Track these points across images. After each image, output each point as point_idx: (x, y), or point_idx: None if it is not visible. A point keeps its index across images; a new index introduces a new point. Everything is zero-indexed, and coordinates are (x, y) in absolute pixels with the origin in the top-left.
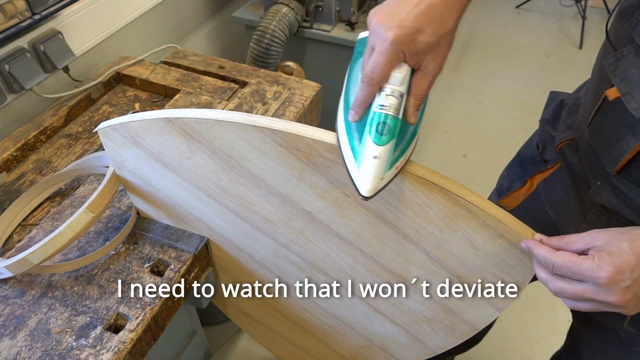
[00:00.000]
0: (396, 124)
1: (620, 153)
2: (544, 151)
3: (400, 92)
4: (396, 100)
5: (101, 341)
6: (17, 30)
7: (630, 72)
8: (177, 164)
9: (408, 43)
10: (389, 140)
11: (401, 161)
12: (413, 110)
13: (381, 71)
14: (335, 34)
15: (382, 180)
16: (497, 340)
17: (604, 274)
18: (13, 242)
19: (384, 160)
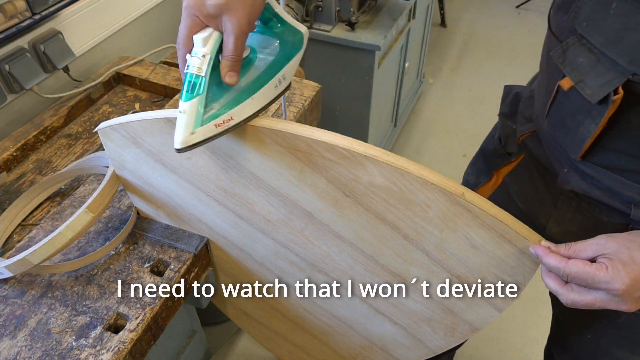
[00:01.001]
0: (200, 82)
1: (581, 139)
2: (507, 144)
3: (203, 53)
4: (197, 60)
5: (101, 341)
6: (17, 30)
7: (579, 61)
8: (177, 164)
9: (198, 7)
10: (193, 97)
11: (223, 119)
12: (226, 71)
13: (182, 35)
14: (335, 34)
15: (194, 134)
16: (497, 340)
17: (619, 286)
18: (13, 242)
19: (192, 114)
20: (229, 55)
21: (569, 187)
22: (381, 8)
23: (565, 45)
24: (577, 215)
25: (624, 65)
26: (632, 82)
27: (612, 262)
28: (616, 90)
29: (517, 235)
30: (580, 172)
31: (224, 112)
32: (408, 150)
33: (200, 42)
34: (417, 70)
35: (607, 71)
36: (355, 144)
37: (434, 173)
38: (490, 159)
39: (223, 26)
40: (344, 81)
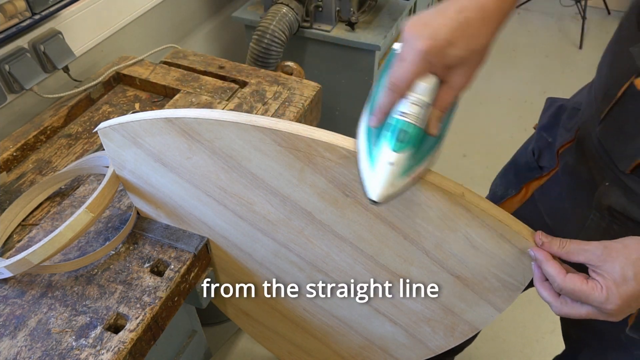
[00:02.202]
0: (416, 134)
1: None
2: (540, 158)
3: (425, 102)
4: (419, 109)
5: (101, 341)
6: (17, 30)
7: None
8: (177, 164)
9: (438, 55)
10: (407, 147)
11: (417, 171)
12: (435, 122)
13: (407, 79)
14: (335, 34)
15: (394, 187)
16: (497, 340)
17: (611, 307)
18: (13, 242)
19: (399, 167)
20: (445, 107)
21: (607, 202)
22: (381, 8)
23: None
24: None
25: None
26: None
27: (606, 283)
28: None
29: (517, 235)
30: (624, 187)
31: (419, 163)
32: None
33: (424, 90)
34: None
35: None
36: (355, 144)
37: (434, 173)
38: (521, 172)
39: (451, 78)
40: (344, 81)
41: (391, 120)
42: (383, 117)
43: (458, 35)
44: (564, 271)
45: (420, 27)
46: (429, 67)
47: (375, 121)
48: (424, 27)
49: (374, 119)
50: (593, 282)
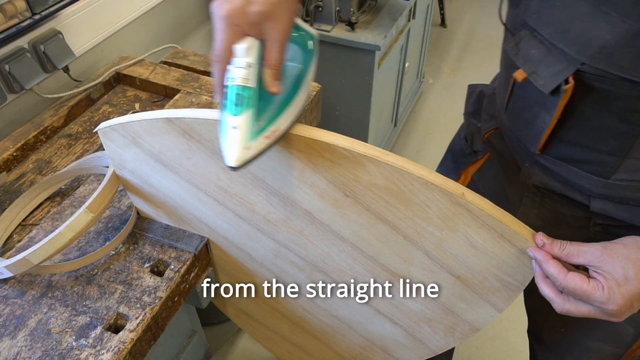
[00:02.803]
0: (250, 94)
1: (538, 131)
2: (473, 143)
3: (248, 62)
4: (244, 70)
5: (101, 341)
6: (17, 30)
7: (531, 53)
8: (177, 164)
9: (240, 15)
10: (244, 109)
11: (271, 130)
12: (270, 80)
13: (223, 47)
14: (335, 34)
15: (249, 149)
16: (497, 340)
17: (613, 307)
18: (13, 242)
19: (245, 129)
20: (274, 64)
21: (531, 182)
22: (381, 8)
23: (518, 37)
24: (542, 210)
25: (573, 55)
26: (581, 72)
27: (608, 283)
28: (567, 80)
29: (517, 235)
30: (541, 165)
31: (271, 122)
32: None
33: (243, 51)
34: (417, 71)
35: (557, 61)
36: (355, 144)
37: (434, 173)
38: (458, 158)
39: (266, 34)
40: (344, 81)
41: (225, 89)
42: (221, 89)
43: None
44: (564, 270)
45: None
46: (239, 30)
47: (219, 96)
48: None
49: (217, 95)
50: (595, 281)
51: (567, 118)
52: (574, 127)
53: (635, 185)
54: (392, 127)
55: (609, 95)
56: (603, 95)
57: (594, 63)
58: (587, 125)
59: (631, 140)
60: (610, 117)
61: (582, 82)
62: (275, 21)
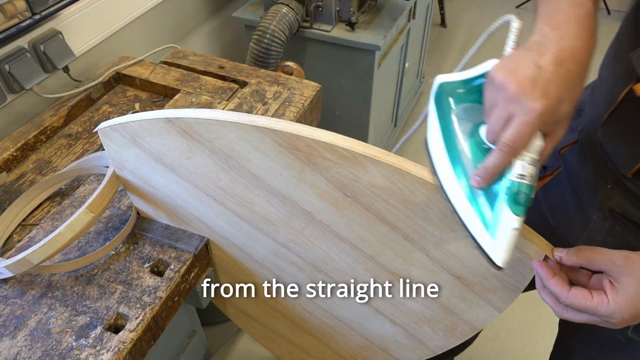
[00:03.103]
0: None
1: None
2: None
3: (537, 160)
4: (534, 169)
5: (101, 341)
6: (17, 30)
7: None
8: (177, 164)
9: (552, 114)
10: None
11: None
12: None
13: (524, 141)
14: (335, 34)
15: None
16: (497, 340)
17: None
18: (13, 242)
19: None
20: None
21: (609, 205)
22: (381, 8)
23: None
24: (608, 238)
25: None
26: None
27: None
28: None
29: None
30: (625, 189)
31: None
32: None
33: (538, 149)
34: (417, 70)
35: None
36: (355, 144)
37: None
38: None
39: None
40: (344, 81)
41: (506, 182)
42: (493, 179)
43: (565, 90)
44: (567, 286)
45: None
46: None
47: (482, 183)
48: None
49: (479, 180)
50: (599, 297)
51: None
52: None
53: None
54: (392, 127)
55: None
56: None
57: None
58: None
59: None
60: None
61: None
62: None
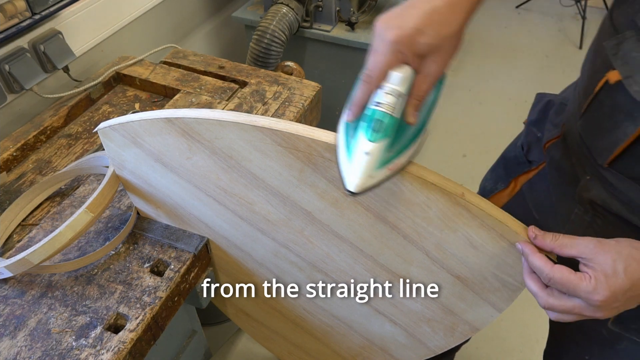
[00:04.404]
0: (392, 123)
1: (614, 142)
2: (529, 152)
3: (399, 92)
4: (393, 99)
5: (101, 341)
6: (17, 30)
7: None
8: (177, 164)
9: (408, 44)
10: (383, 137)
11: (396, 163)
12: (412, 111)
13: (380, 70)
14: (335, 34)
15: (372, 178)
16: (497, 340)
17: (598, 297)
18: (13, 242)
19: (376, 157)
20: (421, 96)
21: (588, 196)
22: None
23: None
24: (589, 231)
25: None
26: None
27: (596, 274)
28: None
29: (517, 235)
30: (604, 180)
31: (398, 155)
32: None
33: (399, 80)
34: None
35: None
36: None
37: (434, 173)
38: (510, 166)
39: (425, 67)
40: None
41: (367, 111)
42: (359, 110)
43: (427, 23)
44: (550, 262)
45: (389, 19)
46: (401, 57)
47: (352, 115)
48: (392, 18)
49: (350, 113)
50: (582, 274)
51: None
52: None
53: None
54: None
55: None
56: None
57: None
58: None
59: None
60: None
61: None
62: (439, 55)
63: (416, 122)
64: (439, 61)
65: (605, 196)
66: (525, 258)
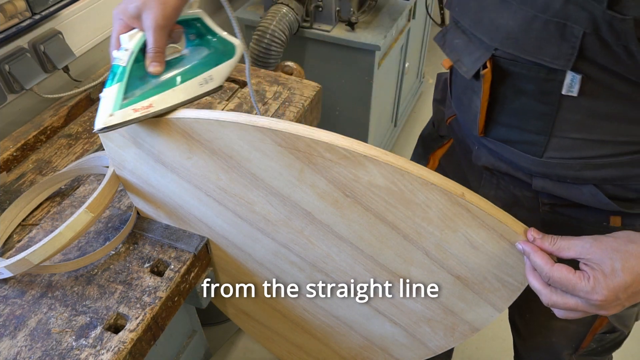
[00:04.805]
0: (120, 71)
1: (475, 115)
2: (439, 128)
3: (125, 48)
4: (122, 53)
5: (101, 341)
6: (17, 30)
7: (455, 42)
8: (177, 164)
9: (123, 10)
10: (113, 83)
11: (142, 105)
12: (149, 62)
13: (112, 37)
14: (335, 34)
15: (112, 116)
16: (497, 340)
17: (597, 297)
18: (13, 242)
19: (111, 99)
20: (151, 47)
21: (481, 164)
22: (381, 8)
23: (445, 29)
24: (498, 192)
25: (487, 42)
26: (496, 57)
27: (594, 273)
28: (485, 66)
29: (517, 235)
30: (486, 147)
31: (142, 98)
32: (408, 150)
33: (126, 39)
34: (417, 70)
35: (476, 49)
36: (355, 144)
37: (434, 173)
38: (427, 143)
39: (143, 25)
40: (344, 81)
41: None
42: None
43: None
44: (551, 261)
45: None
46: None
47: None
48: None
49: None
50: (581, 272)
51: (495, 101)
52: (502, 110)
53: (565, 162)
54: (392, 127)
55: (523, 78)
56: (518, 78)
57: (504, 48)
58: (512, 107)
59: (551, 120)
60: (527, 98)
61: (499, 67)
62: (148, 11)
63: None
64: (150, 16)
65: (493, 161)
66: (527, 257)
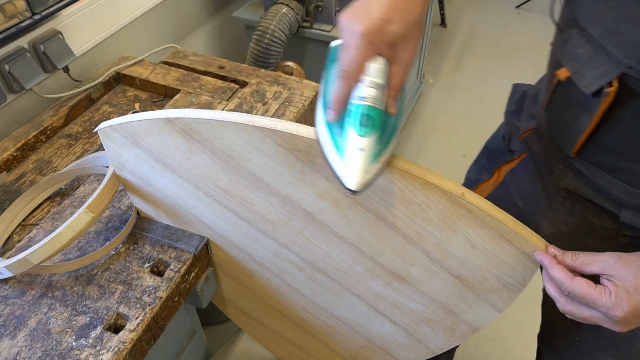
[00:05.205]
0: (378, 115)
1: (576, 133)
2: (510, 142)
3: (379, 83)
4: (375, 91)
5: (101, 341)
6: (17, 30)
7: (578, 52)
8: (177, 164)
9: (379, 34)
10: (373, 131)
11: (386, 155)
12: (391, 101)
13: (356, 64)
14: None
15: (369, 173)
16: (497, 340)
17: (618, 314)
18: (13, 242)
19: (370, 152)
20: (398, 85)
21: (562, 185)
22: None
23: (567, 35)
24: (570, 217)
25: (620, 58)
26: (626, 76)
27: (617, 289)
28: (610, 83)
29: (517, 235)
30: (574, 169)
31: (386, 146)
32: (408, 150)
33: (376, 72)
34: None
35: (603, 63)
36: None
37: (434, 173)
38: (493, 157)
39: (397, 56)
40: None
41: (351, 107)
42: (340, 108)
43: (392, 12)
44: (570, 275)
45: (353, 13)
46: (374, 48)
47: (334, 114)
48: (356, 12)
49: (331, 112)
50: (602, 287)
51: (606, 123)
52: (612, 133)
53: None
54: None
55: None
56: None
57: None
58: (625, 133)
59: None
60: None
61: (627, 87)
62: (409, 43)
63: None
64: (410, 48)
65: (577, 184)
66: (545, 270)
